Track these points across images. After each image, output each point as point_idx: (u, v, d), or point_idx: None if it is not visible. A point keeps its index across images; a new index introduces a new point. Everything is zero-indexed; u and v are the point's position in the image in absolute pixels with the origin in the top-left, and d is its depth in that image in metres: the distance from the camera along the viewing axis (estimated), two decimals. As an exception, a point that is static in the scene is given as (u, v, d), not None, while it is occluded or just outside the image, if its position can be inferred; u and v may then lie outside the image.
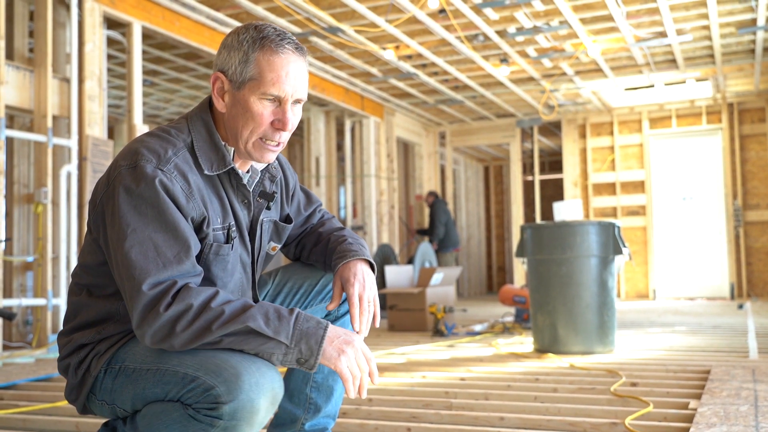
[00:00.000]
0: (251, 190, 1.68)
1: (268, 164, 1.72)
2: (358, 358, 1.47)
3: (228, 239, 1.61)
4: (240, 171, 1.64)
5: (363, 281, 1.70)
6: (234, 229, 1.62)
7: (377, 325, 1.74)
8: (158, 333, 1.40)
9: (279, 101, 1.56)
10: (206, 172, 1.57)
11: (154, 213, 1.46)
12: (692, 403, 2.84)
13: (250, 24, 1.59)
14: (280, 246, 1.82)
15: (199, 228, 1.55)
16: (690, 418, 2.61)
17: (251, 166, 1.68)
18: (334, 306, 1.74)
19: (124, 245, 1.44)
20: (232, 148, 1.62)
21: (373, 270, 1.76)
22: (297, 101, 1.59)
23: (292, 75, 1.56)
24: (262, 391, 1.41)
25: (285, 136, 1.59)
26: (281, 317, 1.43)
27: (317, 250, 1.85)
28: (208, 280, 1.60)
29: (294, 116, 1.59)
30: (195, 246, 1.50)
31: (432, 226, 10.43)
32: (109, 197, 1.50)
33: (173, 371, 1.44)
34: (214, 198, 1.59)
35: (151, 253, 1.44)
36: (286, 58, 1.55)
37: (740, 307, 8.56)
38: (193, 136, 1.58)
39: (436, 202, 10.57)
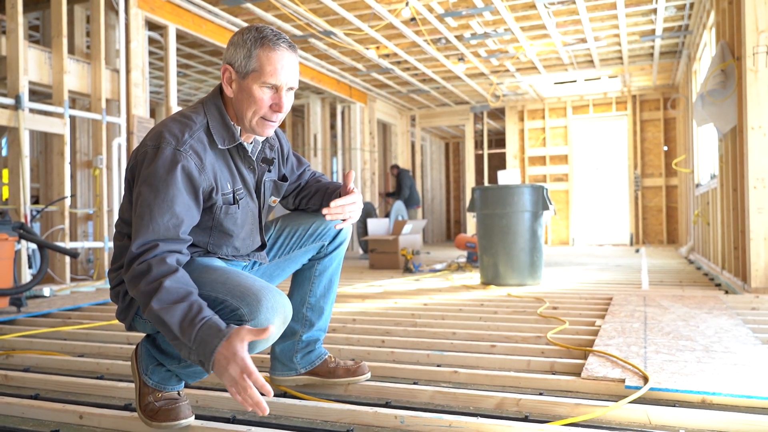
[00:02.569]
0: (255, 157, 1.66)
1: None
2: (239, 376, 1.26)
3: (234, 201, 1.59)
4: (246, 143, 1.62)
5: (357, 197, 1.72)
6: (241, 191, 1.60)
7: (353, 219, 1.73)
8: (131, 282, 1.40)
9: (276, 89, 1.53)
10: (219, 146, 1.54)
11: (162, 187, 1.43)
12: (598, 322, 2.89)
13: (252, 26, 1.55)
14: (279, 199, 1.81)
15: (208, 196, 1.52)
16: (596, 332, 2.66)
17: (254, 138, 1.66)
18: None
19: (136, 208, 1.44)
20: (239, 127, 1.59)
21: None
22: (290, 89, 1.56)
23: (286, 67, 1.52)
24: (276, 313, 1.41)
25: (281, 116, 1.57)
26: (193, 323, 1.32)
27: (317, 196, 1.84)
28: (224, 232, 1.60)
29: (288, 100, 1.56)
30: (189, 219, 1.47)
31: (399, 189, 10.42)
32: (136, 170, 1.49)
33: (207, 295, 1.43)
34: (225, 168, 1.56)
35: (146, 219, 1.42)
36: (281, 54, 1.51)
37: (637, 251, 8.69)
38: (208, 118, 1.55)
39: (401, 171, 10.54)
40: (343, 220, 1.72)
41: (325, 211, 1.68)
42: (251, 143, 1.65)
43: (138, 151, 1.51)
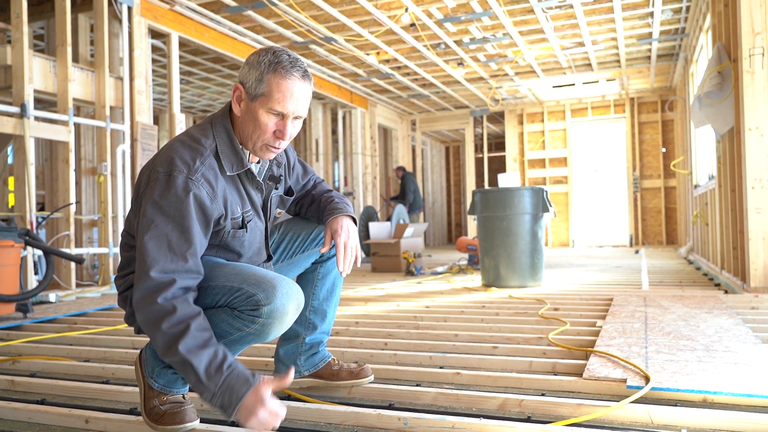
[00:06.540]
0: (263, 176, 1.65)
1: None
2: (271, 417, 1.34)
3: (243, 224, 1.58)
4: (253, 166, 1.61)
5: (347, 232, 1.70)
6: (250, 213, 1.60)
7: (358, 265, 1.74)
8: (151, 317, 1.37)
9: (282, 116, 1.51)
10: (228, 173, 1.53)
11: (176, 216, 1.42)
12: (599, 322, 2.88)
13: (271, 48, 1.53)
14: (284, 211, 1.82)
15: (217, 222, 1.52)
16: (597, 333, 2.65)
17: None
18: (326, 250, 1.73)
19: (145, 235, 1.41)
20: (248, 151, 1.58)
21: (355, 223, 1.75)
22: (297, 117, 1.54)
23: (296, 96, 1.50)
24: (291, 299, 1.44)
25: (284, 144, 1.55)
26: (220, 370, 1.36)
27: (312, 208, 1.85)
28: (230, 251, 1.60)
29: (293, 129, 1.54)
30: (201, 248, 1.47)
31: (403, 193, 10.38)
32: (146, 195, 1.46)
33: (222, 285, 1.45)
34: (235, 192, 1.56)
35: (164, 246, 1.40)
36: (292, 82, 1.49)
37: (636, 252, 8.67)
38: (217, 142, 1.54)
39: (406, 174, 10.49)
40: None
41: (340, 268, 1.67)
42: (258, 163, 1.65)
43: (149, 174, 1.49)
